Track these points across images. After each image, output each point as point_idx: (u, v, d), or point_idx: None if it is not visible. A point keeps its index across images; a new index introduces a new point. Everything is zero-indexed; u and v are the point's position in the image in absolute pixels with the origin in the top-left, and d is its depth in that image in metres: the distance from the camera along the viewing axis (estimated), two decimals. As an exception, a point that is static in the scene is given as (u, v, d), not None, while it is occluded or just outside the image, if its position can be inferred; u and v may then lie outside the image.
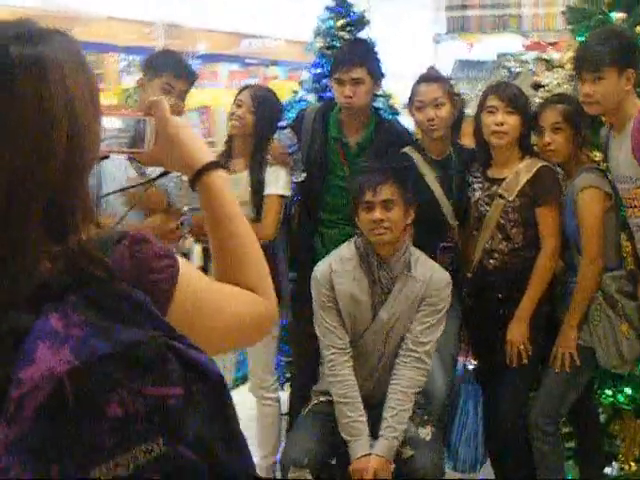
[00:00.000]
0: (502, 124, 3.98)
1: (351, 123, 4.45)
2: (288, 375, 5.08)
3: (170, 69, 3.97)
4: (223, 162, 4.50)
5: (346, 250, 3.98)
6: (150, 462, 1.18)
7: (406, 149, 4.32)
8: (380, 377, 3.94)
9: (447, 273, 3.94)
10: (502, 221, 4.04)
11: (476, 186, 4.15)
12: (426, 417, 3.90)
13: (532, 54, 5.16)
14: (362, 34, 5.27)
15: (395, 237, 3.83)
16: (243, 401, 4.82)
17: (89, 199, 1.38)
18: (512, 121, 3.98)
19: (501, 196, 4.03)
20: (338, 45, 5.09)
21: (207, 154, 1.68)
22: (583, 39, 4.13)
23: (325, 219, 4.47)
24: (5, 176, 1.26)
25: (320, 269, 3.98)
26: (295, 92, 5.47)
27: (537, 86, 4.56)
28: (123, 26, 10.15)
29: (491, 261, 4.08)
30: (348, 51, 4.47)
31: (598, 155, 4.13)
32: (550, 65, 4.63)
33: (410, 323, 3.87)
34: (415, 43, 7.40)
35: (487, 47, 5.73)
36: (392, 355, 3.91)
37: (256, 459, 4.65)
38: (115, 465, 1.17)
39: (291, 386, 4.85)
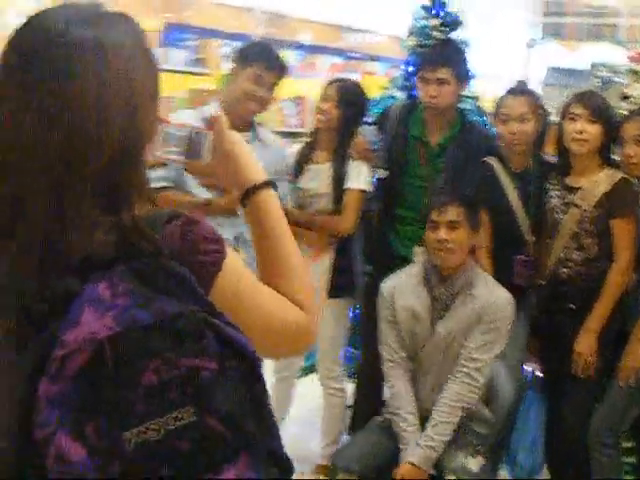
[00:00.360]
0: (582, 132, 3.96)
1: (434, 123, 4.47)
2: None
3: (261, 60, 4.01)
4: (307, 153, 4.58)
5: (414, 266, 4.05)
6: (179, 430, 1.23)
7: (487, 158, 4.31)
8: (438, 393, 3.95)
9: (508, 293, 3.92)
10: (577, 230, 4.02)
11: (553, 193, 4.14)
12: (479, 448, 3.87)
13: (625, 66, 5.13)
14: (455, 34, 5.27)
15: (460, 259, 3.88)
16: (311, 390, 4.90)
17: (145, 177, 1.44)
18: (593, 130, 3.96)
19: (577, 205, 4.02)
20: (430, 44, 5.10)
21: (259, 173, 1.72)
22: None
23: (402, 216, 4.51)
24: (62, 149, 1.33)
25: (387, 284, 4.07)
26: (385, 89, 5.50)
27: (625, 97, 4.53)
28: (228, 12, 10.27)
29: (564, 270, 4.06)
30: (435, 51, 4.51)
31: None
32: (637, 77, 4.59)
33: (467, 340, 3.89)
34: (508, 46, 7.37)
35: (581, 55, 5.69)
36: (449, 372, 3.92)
37: (318, 447, 4.72)
38: (146, 429, 1.22)
39: (357, 379, 4.88)
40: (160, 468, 1.23)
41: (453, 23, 5.22)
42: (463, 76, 4.43)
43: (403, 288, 4.02)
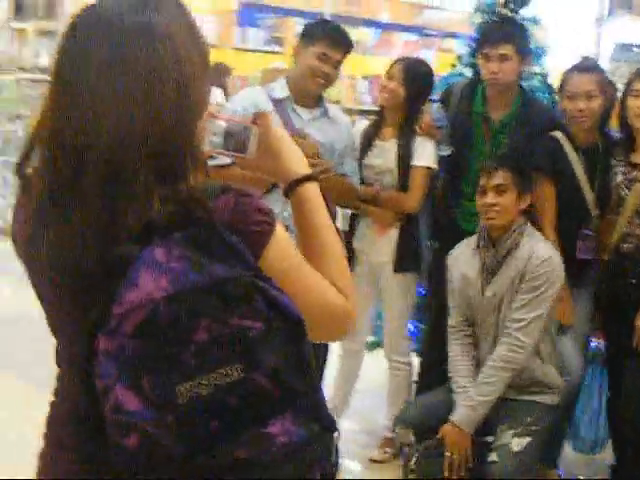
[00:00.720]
0: None
1: (496, 99, 4.50)
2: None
3: (326, 37, 4.07)
4: (373, 131, 4.66)
5: (474, 235, 4.15)
6: (228, 385, 1.35)
7: (554, 133, 4.33)
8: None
9: (551, 250, 3.99)
10: None
11: (618, 170, 4.15)
12: (530, 428, 3.90)
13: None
14: (523, 12, 5.26)
15: (506, 221, 3.97)
16: (378, 365, 4.98)
17: (199, 150, 1.55)
18: None
19: None
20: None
21: (303, 166, 1.79)
22: None
23: (466, 192, 4.56)
24: (120, 121, 1.44)
25: (450, 255, 4.23)
26: (454, 66, 5.53)
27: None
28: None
29: (627, 245, 4.08)
30: (496, 28, 4.53)
31: None
32: None
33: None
34: (578, 22, 7.30)
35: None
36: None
37: (385, 420, 4.81)
38: (199, 384, 1.34)
39: (422, 352, 4.96)
40: (210, 421, 1.34)
41: (520, 0, 5.22)
42: (525, 52, 4.45)
43: (459, 256, 4.17)
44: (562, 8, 9.59)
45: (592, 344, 4.51)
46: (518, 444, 3.83)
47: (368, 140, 4.66)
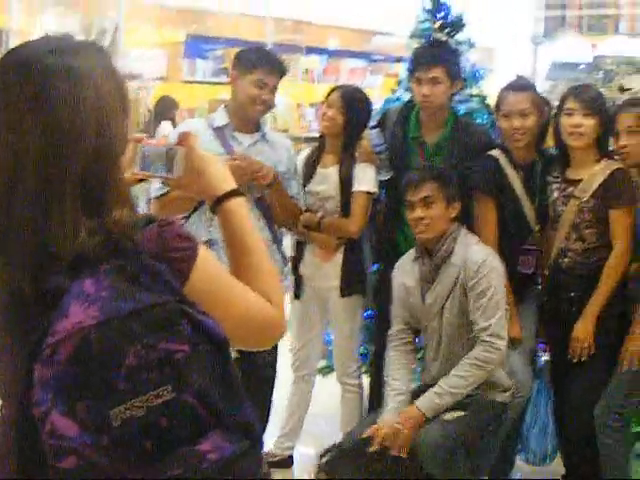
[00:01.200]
0: (579, 126, 4.07)
1: (429, 123, 4.60)
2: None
3: (263, 65, 4.17)
4: (315, 158, 4.74)
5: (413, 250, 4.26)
6: (160, 406, 1.43)
7: (493, 152, 4.43)
8: (443, 360, 4.14)
9: (485, 252, 4.07)
10: (577, 221, 4.14)
11: (554, 186, 4.26)
12: (467, 404, 4.01)
13: (625, 57, 5.22)
14: (460, 36, 5.39)
15: (437, 232, 4.06)
16: (332, 388, 5.03)
17: (123, 185, 1.64)
18: (589, 123, 4.07)
19: (576, 197, 4.13)
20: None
21: (229, 183, 1.89)
22: None
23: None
24: (44, 158, 1.53)
25: (395, 267, 4.32)
26: (393, 90, 5.63)
27: (622, 89, 4.63)
28: (251, 22, 10.42)
29: (565, 260, 4.19)
30: (427, 52, 4.62)
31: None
32: (636, 69, 4.68)
33: (460, 310, 4.05)
34: (515, 43, 7.45)
35: (584, 48, 5.80)
36: (451, 339, 4.11)
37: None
38: (131, 406, 1.41)
39: (370, 376, 5.01)
40: (144, 441, 1.42)
41: (455, 24, 5.34)
42: (455, 75, 4.54)
43: (401, 267, 4.28)
44: (498, 30, 9.78)
45: (540, 359, 4.62)
46: (450, 415, 3.95)
47: (310, 167, 4.74)
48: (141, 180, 1.91)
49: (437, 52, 4.62)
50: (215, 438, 1.47)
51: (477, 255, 4.04)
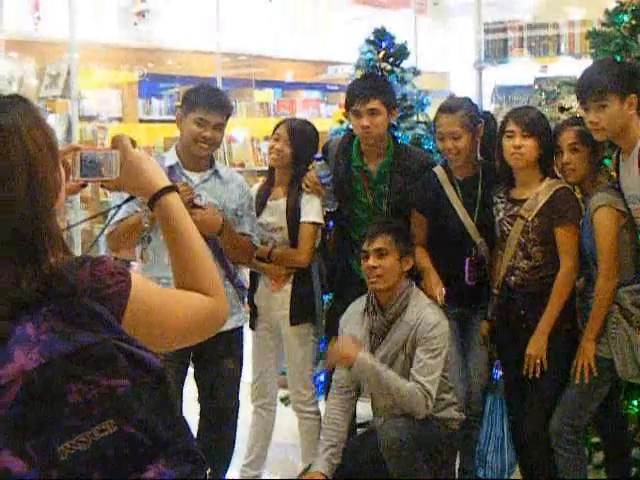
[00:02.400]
0: (519, 147, 4.17)
1: (371, 152, 4.71)
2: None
3: (202, 104, 4.24)
4: (265, 190, 4.83)
5: (365, 296, 4.36)
6: (104, 439, 1.52)
7: (436, 169, 4.58)
8: (386, 415, 4.26)
9: (438, 315, 4.21)
10: (523, 240, 4.22)
11: (500, 206, 4.35)
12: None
13: (563, 78, 5.34)
14: (404, 64, 5.50)
15: (390, 283, 4.20)
16: (294, 417, 5.09)
17: (57, 231, 1.73)
18: (528, 144, 4.16)
19: (521, 216, 4.23)
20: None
21: (163, 180, 1.99)
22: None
23: (358, 240, 4.75)
24: None
25: (346, 311, 4.44)
26: (341, 121, 5.72)
27: (562, 109, 4.75)
28: (205, 59, 10.49)
29: (512, 278, 4.27)
30: (363, 84, 4.71)
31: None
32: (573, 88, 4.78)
33: (409, 366, 4.16)
34: (459, 68, 7.59)
35: (526, 70, 5.93)
36: None
37: (298, 470, 4.92)
38: (77, 441, 1.50)
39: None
40: (92, 473, 1.51)
41: (399, 53, 5.45)
42: (392, 105, 4.65)
43: (351, 316, 4.39)
44: (440, 57, 9.94)
45: (496, 373, 4.71)
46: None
47: (261, 199, 4.83)
48: (83, 185, 2.05)
49: (373, 84, 4.72)
50: (159, 466, 1.55)
51: (432, 317, 4.18)
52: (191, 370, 4.53)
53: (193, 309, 1.89)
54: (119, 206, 2.29)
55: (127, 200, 2.17)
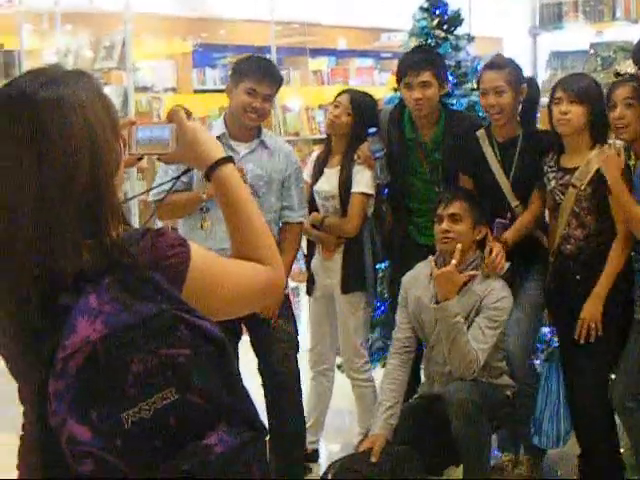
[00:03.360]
0: (566, 113, 4.16)
1: (423, 123, 4.73)
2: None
3: (252, 74, 4.25)
4: (324, 157, 4.87)
5: (430, 260, 4.37)
6: (166, 407, 1.57)
7: (479, 132, 4.58)
8: (443, 381, 4.30)
9: (506, 289, 4.24)
10: (576, 209, 4.22)
11: (551, 175, 4.34)
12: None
13: (619, 43, 5.30)
14: (458, 31, 5.48)
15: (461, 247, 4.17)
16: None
17: (117, 204, 1.77)
18: (575, 110, 4.15)
19: (574, 185, 4.21)
20: (433, 44, 5.34)
21: (219, 151, 2.02)
22: None
23: (415, 208, 4.82)
24: (43, 189, 1.66)
25: (406, 275, 4.46)
26: (395, 89, 5.70)
27: (617, 74, 4.70)
28: (258, 28, 10.52)
29: (568, 247, 4.27)
30: (414, 57, 4.73)
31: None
32: (627, 53, 4.75)
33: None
34: (513, 35, 7.49)
35: (583, 36, 5.88)
36: None
37: (355, 436, 4.98)
38: (140, 409, 1.55)
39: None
40: (154, 440, 1.57)
41: (453, 20, 5.44)
42: (443, 77, 4.67)
43: (415, 279, 4.41)
44: (502, 21, 9.80)
45: (553, 342, 4.71)
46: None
47: (319, 167, 4.87)
48: (139, 159, 2.09)
49: (424, 56, 4.75)
50: (220, 432, 1.60)
51: (500, 290, 4.22)
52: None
53: (251, 278, 1.93)
54: (178, 177, 2.33)
55: (185, 172, 2.21)
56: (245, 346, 4.48)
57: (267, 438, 1.73)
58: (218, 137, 4.22)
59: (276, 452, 4.27)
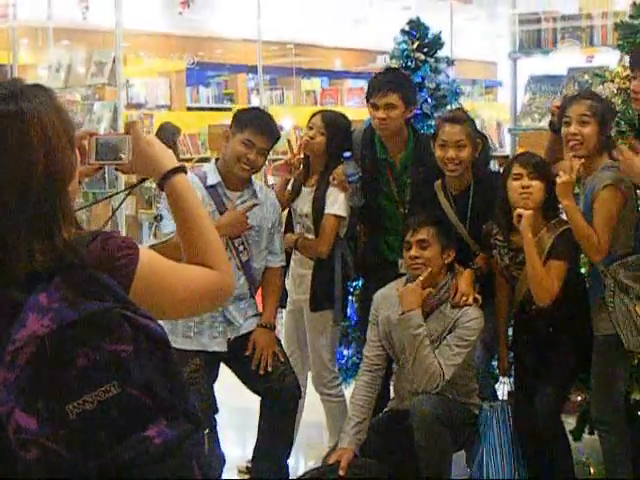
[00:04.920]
0: (528, 187, 4.21)
1: (391, 144, 4.83)
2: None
3: (253, 126, 4.34)
4: (302, 178, 4.96)
5: (402, 279, 4.47)
6: (109, 400, 1.66)
7: (436, 182, 4.67)
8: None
9: (478, 312, 4.30)
10: None
11: (503, 251, 4.41)
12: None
13: (595, 68, 5.37)
14: (439, 54, 5.59)
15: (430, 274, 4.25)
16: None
17: (70, 209, 1.88)
18: (536, 185, 4.22)
19: None
20: (413, 66, 5.45)
21: (172, 162, 2.15)
22: None
23: (386, 227, 4.93)
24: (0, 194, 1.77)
25: (377, 293, 4.55)
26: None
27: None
28: (254, 48, 10.62)
29: (533, 307, 4.34)
30: (382, 78, 4.83)
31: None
32: (602, 79, 4.84)
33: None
34: (493, 58, 7.58)
35: (560, 60, 5.96)
36: None
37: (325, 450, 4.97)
38: (84, 401, 1.65)
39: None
40: (97, 431, 1.66)
41: (433, 43, 5.54)
42: (410, 100, 4.76)
43: (386, 298, 4.49)
44: (475, 47, 9.91)
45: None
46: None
47: (297, 186, 4.98)
48: (99, 168, 2.22)
49: (392, 78, 4.83)
50: (160, 425, 1.69)
51: (474, 311, 4.28)
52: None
53: (199, 281, 2.03)
54: (133, 187, 2.44)
55: (140, 182, 2.31)
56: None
57: (205, 432, 1.82)
58: (213, 186, 4.36)
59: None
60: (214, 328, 4.36)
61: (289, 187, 5.03)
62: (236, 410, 5.66)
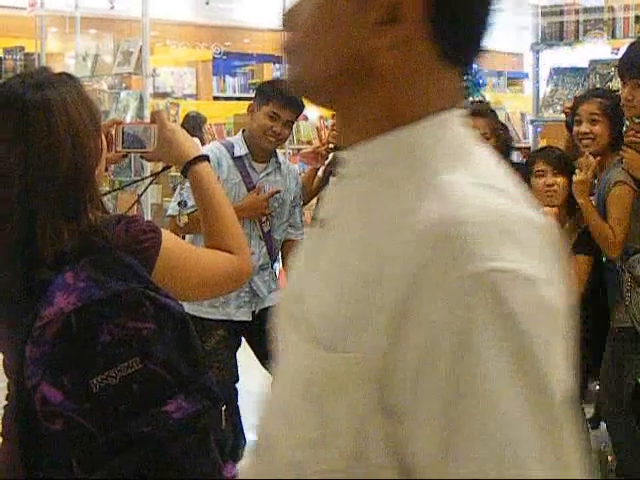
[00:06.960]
0: (552, 185, 4.24)
1: None
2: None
3: (277, 98, 4.35)
4: (331, 168, 5.01)
5: None
6: (130, 375, 1.75)
7: None
8: None
9: None
10: None
11: None
12: None
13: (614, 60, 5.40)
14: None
15: None
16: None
17: (96, 192, 1.98)
18: (561, 182, 4.24)
19: None
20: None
21: (195, 150, 2.24)
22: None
23: None
24: (28, 179, 1.88)
25: None
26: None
27: (611, 91, 4.81)
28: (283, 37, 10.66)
29: None
30: None
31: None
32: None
33: None
34: (516, 50, 7.57)
35: (583, 53, 5.99)
36: None
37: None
38: (107, 376, 1.73)
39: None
40: (119, 404, 1.75)
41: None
42: None
43: None
44: (500, 39, 9.88)
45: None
46: None
47: (327, 174, 5.00)
48: (124, 156, 2.33)
49: None
50: (179, 400, 1.78)
51: None
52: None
53: (217, 265, 2.12)
54: (157, 174, 2.52)
55: (164, 169, 2.39)
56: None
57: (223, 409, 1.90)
58: (240, 157, 4.43)
59: None
60: (240, 298, 4.42)
61: (319, 174, 5.08)
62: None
